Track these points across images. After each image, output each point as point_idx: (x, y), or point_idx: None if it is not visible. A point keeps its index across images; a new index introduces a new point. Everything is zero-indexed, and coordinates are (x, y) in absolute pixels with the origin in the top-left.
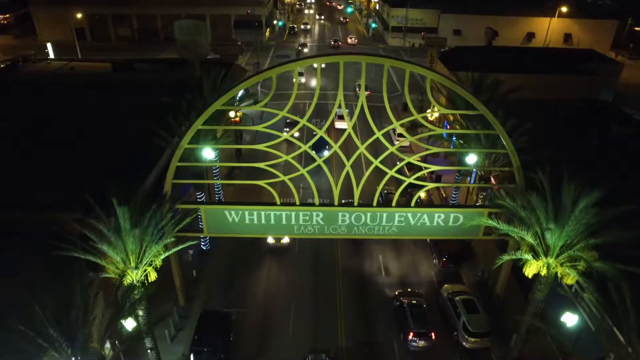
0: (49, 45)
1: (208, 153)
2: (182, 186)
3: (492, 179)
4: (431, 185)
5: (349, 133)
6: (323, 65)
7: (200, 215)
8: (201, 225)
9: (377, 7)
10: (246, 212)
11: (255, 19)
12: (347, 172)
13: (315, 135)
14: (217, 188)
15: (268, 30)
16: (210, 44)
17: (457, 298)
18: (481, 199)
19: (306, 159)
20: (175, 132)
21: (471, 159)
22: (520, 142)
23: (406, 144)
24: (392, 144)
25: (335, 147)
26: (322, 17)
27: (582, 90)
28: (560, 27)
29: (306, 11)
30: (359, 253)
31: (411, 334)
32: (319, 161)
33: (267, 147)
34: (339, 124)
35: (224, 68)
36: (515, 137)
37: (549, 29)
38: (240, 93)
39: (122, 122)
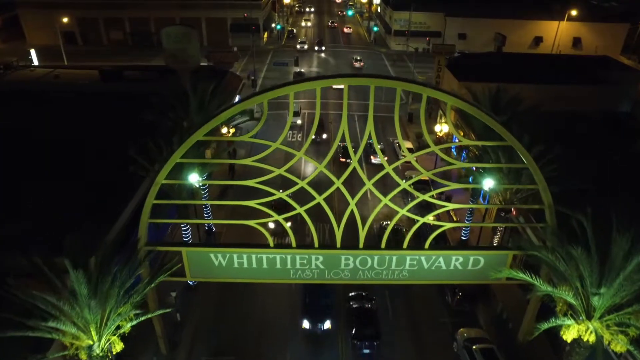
0: (32, 51)
1: (195, 177)
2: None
3: (513, 210)
4: (449, 225)
5: (354, 167)
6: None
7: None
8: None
9: (379, 10)
10: (234, 255)
11: (253, 23)
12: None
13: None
14: (207, 211)
15: (266, 33)
16: (205, 50)
17: (474, 347)
18: (500, 231)
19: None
20: (156, 158)
21: (488, 183)
22: (548, 170)
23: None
24: (398, 159)
25: (338, 183)
26: (323, 48)
27: (600, 101)
28: (569, 31)
29: (303, 24)
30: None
31: None
32: (319, 199)
33: (258, 182)
34: (337, 85)
35: (216, 78)
36: (541, 164)
37: (558, 33)
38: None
39: (99, 142)
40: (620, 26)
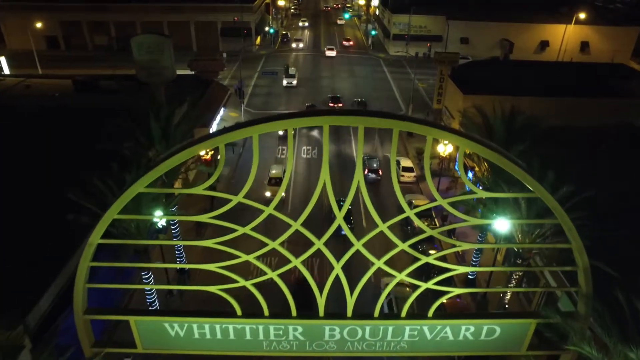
0: (2, 59)
1: (158, 214)
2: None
3: (535, 259)
4: (458, 291)
5: (340, 224)
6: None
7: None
8: None
9: (377, 13)
10: (194, 325)
11: (244, 26)
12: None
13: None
14: (179, 253)
15: (259, 37)
16: (184, 56)
17: None
18: (515, 279)
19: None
20: (106, 201)
21: (502, 225)
22: (575, 216)
23: (412, 179)
24: (397, 179)
25: (319, 244)
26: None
27: (617, 114)
28: (576, 35)
29: (294, 45)
30: None
31: (366, 170)
32: (296, 262)
33: (217, 242)
34: (329, 53)
35: (200, 88)
36: (567, 206)
37: (565, 37)
38: (219, 117)
39: (48, 175)
40: (630, 30)
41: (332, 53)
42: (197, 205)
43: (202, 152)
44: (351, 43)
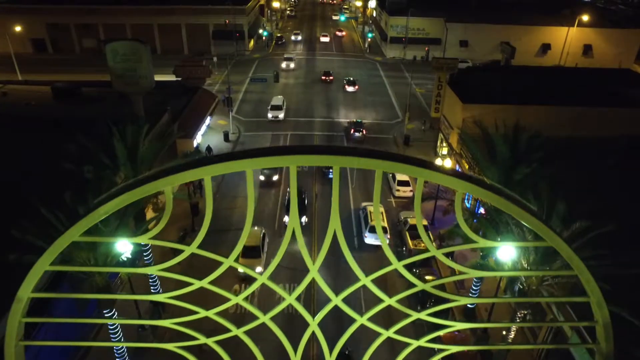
0: None
1: (124, 246)
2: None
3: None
4: (455, 349)
5: (313, 278)
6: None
7: None
8: None
9: (374, 15)
10: None
11: (236, 29)
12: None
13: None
14: (153, 282)
15: (252, 40)
16: (179, 63)
17: None
18: (520, 317)
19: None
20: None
21: (506, 253)
22: (586, 253)
23: (408, 194)
24: (392, 194)
25: (290, 299)
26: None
27: (625, 124)
28: (578, 37)
29: (284, 65)
30: None
31: (352, 130)
32: (264, 318)
33: (175, 323)
34: (324, 39)
35: (186, 96)
36: (578, 244)
37: (567, 39)
38: (205, 126)
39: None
40: (633, 32)
41: (326, 39)
42: (175, 223)
43: None
44: (344, 33)
